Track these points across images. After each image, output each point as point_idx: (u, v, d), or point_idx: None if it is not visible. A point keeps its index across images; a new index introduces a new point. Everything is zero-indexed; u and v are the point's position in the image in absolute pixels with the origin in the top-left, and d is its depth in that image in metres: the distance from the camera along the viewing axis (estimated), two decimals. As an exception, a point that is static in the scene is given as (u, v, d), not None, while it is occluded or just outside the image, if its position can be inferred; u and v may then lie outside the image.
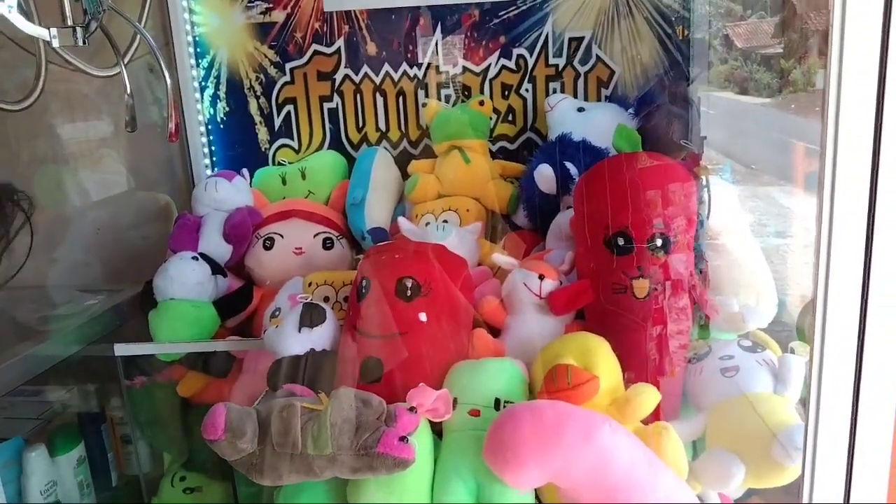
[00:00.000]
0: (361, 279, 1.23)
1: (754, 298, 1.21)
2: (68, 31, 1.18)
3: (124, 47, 1.64)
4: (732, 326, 1.22)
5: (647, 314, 1.18)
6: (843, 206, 0.77)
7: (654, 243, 1.18)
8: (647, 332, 1.18)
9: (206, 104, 1.85)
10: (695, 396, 1.18)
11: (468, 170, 1.61)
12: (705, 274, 1.25)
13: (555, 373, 1.06)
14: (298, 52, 1.79)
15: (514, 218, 1.61)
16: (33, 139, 1.88)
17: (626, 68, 1.70)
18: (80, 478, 1.46)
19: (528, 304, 1.26)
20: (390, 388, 1.14)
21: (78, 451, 1.47)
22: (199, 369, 1.52)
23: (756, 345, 1.18)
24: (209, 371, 1.51)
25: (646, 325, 1.18)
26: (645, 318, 1.18)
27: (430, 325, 1.18)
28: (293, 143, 1.85)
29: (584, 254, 1.26)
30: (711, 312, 1.20)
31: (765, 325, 1.21)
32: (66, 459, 1.44)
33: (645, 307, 1.18)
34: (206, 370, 1.52)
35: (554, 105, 1.64)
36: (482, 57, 1.74)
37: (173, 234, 1.60)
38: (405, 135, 1.80)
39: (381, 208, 1.64)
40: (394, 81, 1.77)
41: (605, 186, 1.22)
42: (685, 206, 1.20)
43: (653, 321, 1.18)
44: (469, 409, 1.09)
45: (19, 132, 1.88)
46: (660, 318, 1.18)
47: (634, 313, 1.18)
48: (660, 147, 1.52)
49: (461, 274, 1.26)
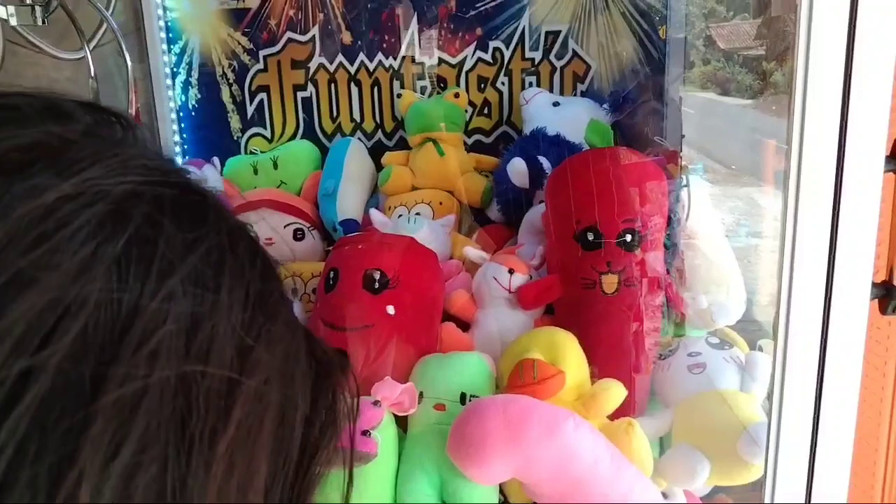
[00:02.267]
0: (329, 270, 1.22)
1: (724, 295, 1.21)
2: (27, 9, 1.15)
3: (92, 30, 1.61)
4: (701, 323, 1.22)
5: (616, 310, 1.17)
6: (807, 201, 0.76)
7: (624, 238, 1.17)
8: (616, 327, 1.17)
9: (177, 91, 1.82)
10: (662, 393, 1.18)
11: (442, 162, 1.59)
12: (681, 271, 1.25)
13: (521, 367, 1.05)
14: (272, 39, 1.76)
15: (488, 212, 1.60)
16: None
17: (603, 63, 1.69)
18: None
19: (497, 299, 1.25)
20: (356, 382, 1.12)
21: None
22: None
23: (724, 342, 1.18)
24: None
25: (614, 321, 1.17)
26: (613, 314, 1.17)
27: (398, 317, 1.17)
28: (266, 132, 1.82)
29: (554, 248, 1.26)
30: (681, 309, 1.20)
31: (733, 321, 1.21)
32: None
33: (614, 303, 1.17)
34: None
35: (529, 99, 1.63)
36: (458, 49, 1.72)
37: (140, 223, 1.57)
38: (380, 126, 1.78)
39: (353, 200, 1.62)
40: (369, 71, 1.75)
41: (575, 181, 1.21)
42: (656, 202, 1.20)
43: (621, 317, 1.17)
44: (434, 402, 1.08)
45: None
46: (629, 313, 1.17)
47: (603, 308, 1.18)
48: (634, 143, 1.52)
49: (431, 267, 1.25)
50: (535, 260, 1.30)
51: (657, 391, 1.19)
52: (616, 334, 1.17)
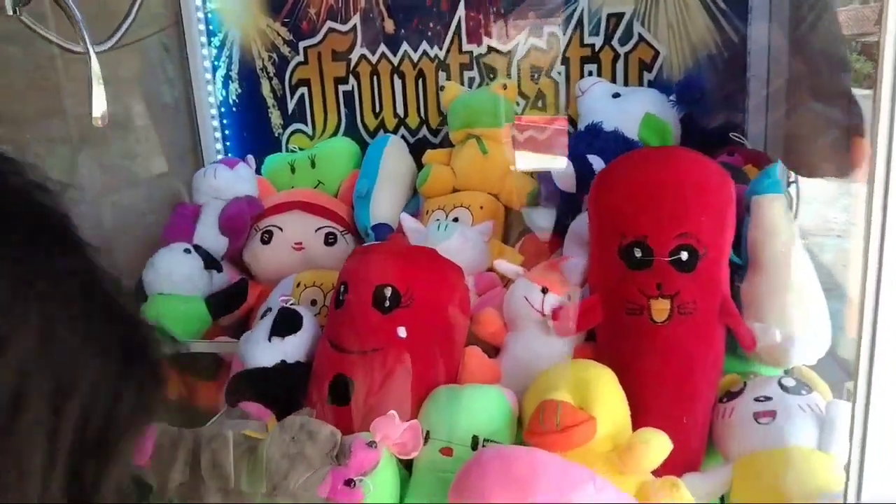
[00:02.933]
0: (341, 284, 1.09)
1: (803, 327, 1.00)
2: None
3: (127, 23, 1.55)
4: (773, 360, 1.01)
5: (667, 342, 0.99)
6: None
7: (678, 256, 0.98)
8: (666, 363, 0.98)
9: (218, 86, 1.74)
10: (722, 443, 0.98)
11: (485, 161, 1.44)
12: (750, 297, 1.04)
13: (542, 410, 0.89)
14: (312, 29, 1.65)
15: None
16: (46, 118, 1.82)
17: (674, 49, 1.48)
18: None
19: (529, 322, 1.08)
20: (360, 414, 1.00)
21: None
22: (186, 371, 1.42)
23: (801, 385, 0.97)
24: (196, 373, 1.41)
25: (664, 355, 0.99)
26: (664, 347, 0.99)
27: (410, 341, 1.03)
28: (307, 128, 1.72)
29: (597, 265, 1.08)
30: (748, 342, 0.99)
31: (813, 360, 1.00)
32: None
33: (664, 333, 0.99)
34: (193, 372, 1.41)
35: (585, 89, 1.44)
36: (509, 36, 1.55)
37: (168, 224, 1.51)
38: (424, 121, 1.64)
39: (389, 202, 1.49)
40: (413, 62, 1.61)
41: (623, 186, 1.03)
42: (721, 212, 1.00)
43: (673, 350, 0.99)
44: (441, 446, 0.93)
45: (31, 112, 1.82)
46: (682, 347, 0.98)
47: (651, 340, 0.99)
48: (706, 142, 1.31)
49: (453, 283, 1.10)
50: (576, 277, 1.12)
51: (716, 441, 0.99)
52: (666, 371, 0.98)
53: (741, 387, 1.00)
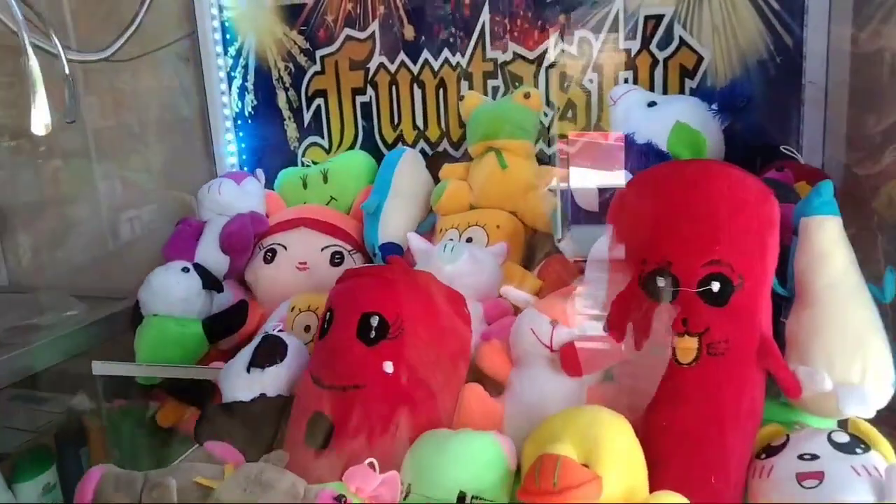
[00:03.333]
0: (327, 311, 0.98)
1: (859, 372, 0.83)
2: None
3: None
4: (823, 411, 0.85)
5: (694, 387, 0.84)
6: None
7: (709, 287, 0.83)
8: (692, 411, 0.84)
9: (234, 97, 1.67)
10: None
11: (503, 176, 1.31)
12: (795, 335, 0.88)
13: (539, 465, 0.75)
14: (329, 37, 1.57)
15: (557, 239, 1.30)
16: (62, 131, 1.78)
17: (719, 53, 1.33)
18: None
19: (536, 357, 0.95)
20: (339, 459, 0.88)
21: (46, 478, 1.32)
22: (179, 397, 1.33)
23: (856, 442, 0.80)
24: (188, 400, 1.32)
25: (690, 402, 0.84)
26: (690, 393, 0.84)
27: (398, 377, 0.91)
28: (323, 141, 1.63)
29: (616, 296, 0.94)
30: (792, 389, 0.84)
31: (872, 412, 0.83)
32: (31, 486, 1.29)
33: (691, 376, 0.84)
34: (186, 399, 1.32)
35: (617, 98, 1.30)
36: (537, 41, 1.43)
37: (168, 241, 1.43)
38: (445, 133, 1.53)
39: (401, 219, 1.38)
40: (433, 71, 1.51)
41: (643, 204, 0.89)
42: (760, 236, 0.85)
43: (701, 397, 0.84)
44: (423, 502, 0.80)
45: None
46: (712, 392, 0.83)
47: (675, 384, 0.85)
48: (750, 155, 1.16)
49: (454, 312, 0.98)
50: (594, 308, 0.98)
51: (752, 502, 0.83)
52: (691, 422, 0.83)
53: (783, 440, 0.84)
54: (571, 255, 1.21)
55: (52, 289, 1.54)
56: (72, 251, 1.63)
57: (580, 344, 0.92)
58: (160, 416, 1.33)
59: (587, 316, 0.96)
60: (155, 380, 1.31)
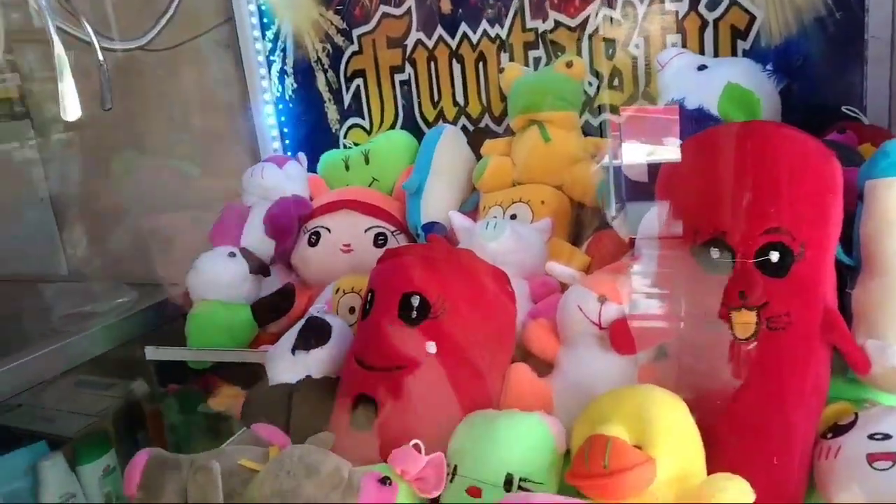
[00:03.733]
0: (368, 292, 0.97)
1: (935, 345, 0.78)
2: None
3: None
4: (894, 386, 0.80)
5: (753, 363, 0.79)
6: None
7: (767, 257, 0.79)
8: (751, 389, 0.79)
9: (274, 81, 1.67)
10: (825, 487, 0.77)
11: (547, 150, 1.27)
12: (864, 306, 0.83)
13: (588, 447, 0.72)
14: (366, 15, 1.54)
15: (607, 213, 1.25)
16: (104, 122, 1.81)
17: (772, 12, 1.26)
18: (107, 489, 1.34)
19: (584, 335, 0.92)
20: (384, 441, 0.87)
21: (106, 460, 1.35)
22: (229, 380, 1.34)
23: (933, 420, 0.75)
24: (239, 384, 1.33)
25: (749, 380, 0.79)
26: (749, 369, 0.79)
27: (441, 357, 0.89)
28: (364, 122, 1.61)
29: (667, 269, 0.90)
30: (860, 364, 0.78)
31: (950, 388, 0.77)
32: (92, 468, 1.33)
33: (749, 352, 0.79)
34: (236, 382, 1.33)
35: (665, 62, 1.25)
36: (578, 7, 1.38)
37: (214, 226, 1.44)
38: (487, 108, 1.49)
39: (443, 198, 1.36)
40: (472, 44, 1.47)
41: (695, 171, 0.85)
42: (821, 201, 0.80)
43: (761, 374, 0.79)
44: (469, 485, 0.78)
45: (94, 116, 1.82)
46: (773, 369, 0.79)
47: (733, 361, 0.80)
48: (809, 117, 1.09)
49: (497, 290, 0.95)
50: (645, 283, 0.94)
51: (819, 483, 0.79)
52: (752, 400, 0.79)
53: (852, 419, 0.79)
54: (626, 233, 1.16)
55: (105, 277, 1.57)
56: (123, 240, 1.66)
57: (631, 321, 0.88)
58: (212, 399, 1.34)
59: (637, 291, 0.92)
60: (206, 364, 1.33)
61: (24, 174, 1.89)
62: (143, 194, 1.77)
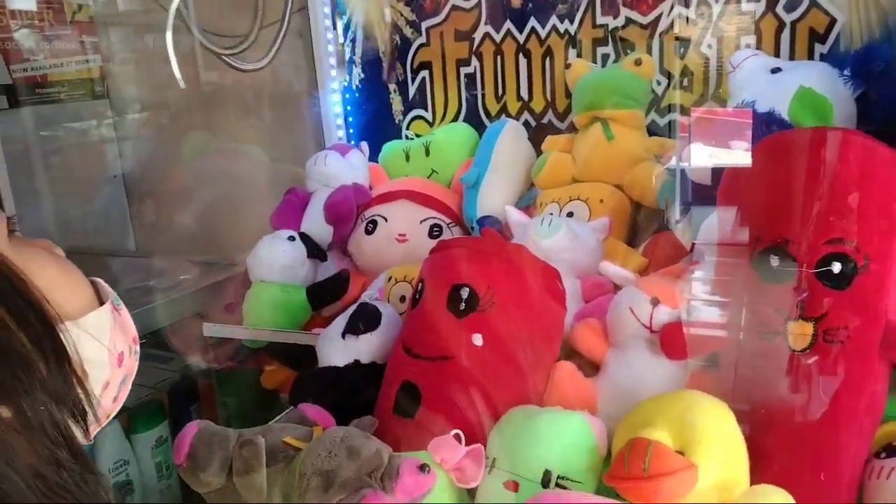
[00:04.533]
0: (419, 282, 0.98)
1: None
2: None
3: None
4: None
5: (807, 375, 0.77)
6: None
7: (830, 268, 0.76)
8: (804, 401, 0.77)
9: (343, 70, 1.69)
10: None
11: (609, 148, 1.25)
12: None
13: (629, 450, 0.71)
14: (435, 8, 1.55)
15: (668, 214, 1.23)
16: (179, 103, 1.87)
17: (855, 15, 1.20)
18: (158, 459, 1.39)
19: (635, 338, 0.90)
20: (426, 428, 0.87)
21: (159, 431, 1.40)
22: (282, 361, 1.37)
23: None
24: (291, 364, 1.36)
25: (802, 392, 0.77)
26: (802, 381, 0.77)
27: (487, 350, 0.89)
28: (427, 114, 1.62)
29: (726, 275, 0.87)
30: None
31: None
32: (145, 438, 1.38)
33: (804, 364, 0.77)
34: (288, 362, 1.37)
35: (738, 64, 1.21)
36: (651, 5, 1.35)
37: (276, 210, 1.47)
38: (550, 104, 1.48)
39: (501, 192, 1.35)
40: (540, 39, 1.46)
41: (759, 176, 0.82)
42: (890, 213, 0.76)
43: (815, 385, 0.77)
44: (507, 478, 0.78)
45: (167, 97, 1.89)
46: (826, 383, 0.76)
47: (787, 372, 0.78)
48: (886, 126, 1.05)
49: (547, 287, 0.94)
50: (701, 287, 0.92)
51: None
52: (803, 413, 0.77)
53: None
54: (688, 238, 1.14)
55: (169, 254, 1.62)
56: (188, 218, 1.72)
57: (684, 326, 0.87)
58: (264, 377, 1.38)
59: (692, 297, 0.90)
60: (261, 343, 1.36)
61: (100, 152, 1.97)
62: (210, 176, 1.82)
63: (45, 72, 1.83)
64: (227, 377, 1.45)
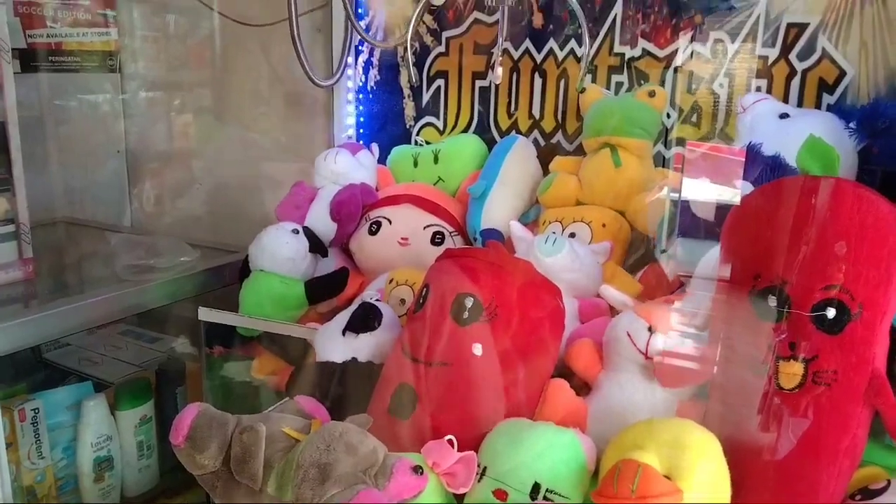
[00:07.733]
0: (423, 287, 1.00)
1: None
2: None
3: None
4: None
5: (793, 413, 0.80)
6: None
7: (824, 313, 0.79)
8: (787, 438, 0.80)
9: (359, 70, 1.71)
10: (849, 553, 0.78)
11: (616, 174, 1.28)
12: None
13: (619, 470, 0.74)
14: (458, 19, 1.58)
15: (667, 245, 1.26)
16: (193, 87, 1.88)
17: (864, 70, 1.25)
18: (140, 437, 1.40)
19: (628, 362, 0.93)
20: (419, 431, 0.90)
21: (144, 410, 1.41)
22: (274, 351, 1.39)
23: (971, 500, 0.75)
24: (283, 355, 1.37)
25: (787, 429, 0.80)
26: (787, 419, 0.80)
27: (485, 360, 0.91)
28: (438, 122, 1.65)
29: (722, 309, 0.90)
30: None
31: None
32: (130, 415, 1.39)
33: (791, 403, 0.80)
34: (281, 354, 1.38)
35: (748, 106, 1.24)
36: (669, 38, 1.39)
37: (281, 202, 1.49)
38: (561, 125, 1.51)
39: (505, 206, 1.38)
40: (557, 61, 1.49)
41: (764, 217, 0.85)
42: (886, 265, 0.79)
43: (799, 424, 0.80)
44: (496, 487, 0.81)
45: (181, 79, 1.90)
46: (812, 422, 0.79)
47: (775, 410, 0.81)
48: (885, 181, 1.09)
49: (546, 303, 0.97)
50: (697, 319, 0.95)
51: (842, 548, 0.79)
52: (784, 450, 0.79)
53: (884, 485, 0.79)
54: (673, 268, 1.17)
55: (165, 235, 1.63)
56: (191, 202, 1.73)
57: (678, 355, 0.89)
58: (255, 366, 1.39)
59: (689, 327, 0.93)
60: (255, 332, 1.37)
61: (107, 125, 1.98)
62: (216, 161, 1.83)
63: (60, 39, 1.83)
64: (217, 363, 1.46)
